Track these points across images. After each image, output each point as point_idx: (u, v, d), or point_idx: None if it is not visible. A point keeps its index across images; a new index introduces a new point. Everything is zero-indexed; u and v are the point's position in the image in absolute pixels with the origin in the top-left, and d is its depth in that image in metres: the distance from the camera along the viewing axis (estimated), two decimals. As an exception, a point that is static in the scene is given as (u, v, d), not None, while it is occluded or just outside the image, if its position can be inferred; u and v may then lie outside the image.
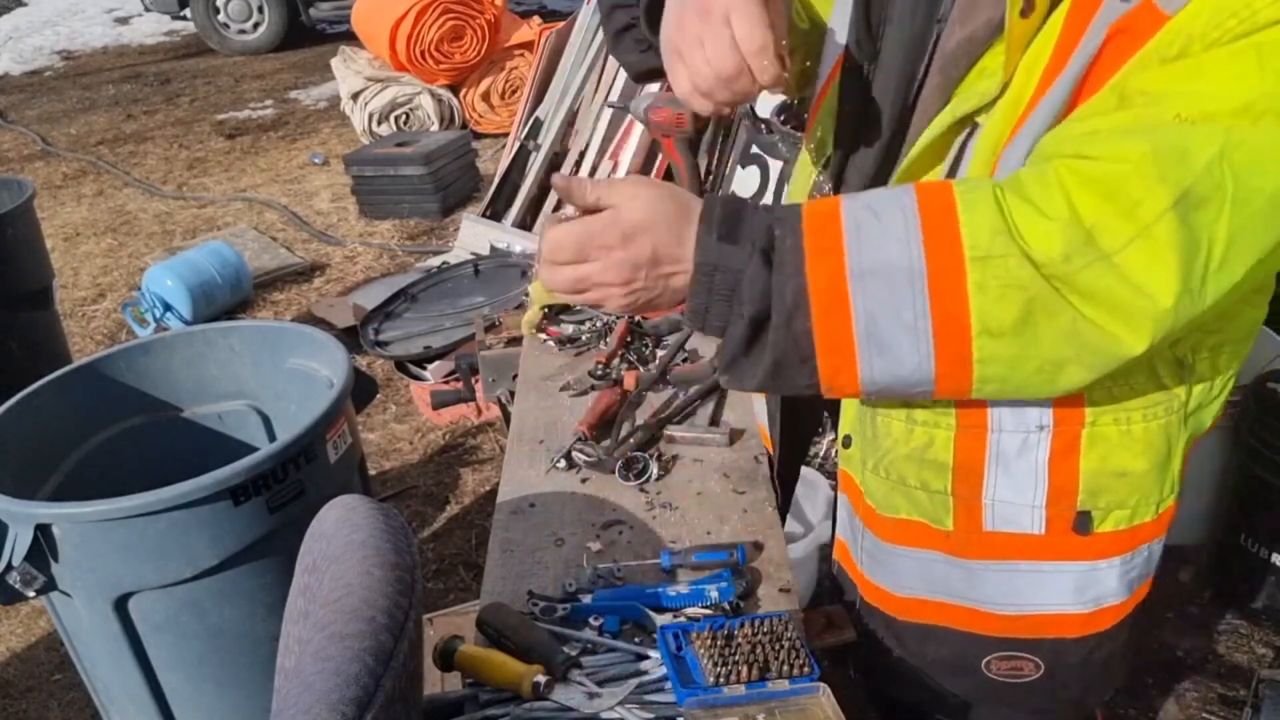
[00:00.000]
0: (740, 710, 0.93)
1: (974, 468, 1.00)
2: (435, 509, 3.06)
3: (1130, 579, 1.06)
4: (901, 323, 0.81)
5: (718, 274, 0.85)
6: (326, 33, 9.58)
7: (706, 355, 1.68)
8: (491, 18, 6.27)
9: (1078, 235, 0.76)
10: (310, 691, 0.71)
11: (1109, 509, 1.00)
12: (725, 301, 0.85)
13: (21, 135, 7.29)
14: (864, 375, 0.84)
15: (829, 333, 0.83)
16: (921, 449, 1.02)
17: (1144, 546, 1.05)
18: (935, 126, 0.92)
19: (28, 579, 1.63)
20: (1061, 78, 0.83)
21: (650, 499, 1.33)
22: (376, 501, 0.94)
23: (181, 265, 4.13)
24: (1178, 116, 0.75)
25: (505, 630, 1.06)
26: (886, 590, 1.14)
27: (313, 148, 6.56)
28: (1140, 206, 0.75)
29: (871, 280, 0.81)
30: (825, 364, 0.84)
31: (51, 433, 1.97)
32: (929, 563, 1.08)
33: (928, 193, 0.83)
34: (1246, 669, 2.27)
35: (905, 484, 1.05)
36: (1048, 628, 1.07)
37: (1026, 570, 1.04)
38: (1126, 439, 0.97)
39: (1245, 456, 2.31)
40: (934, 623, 1.11)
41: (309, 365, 2.07)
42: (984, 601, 1.07)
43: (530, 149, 4.64)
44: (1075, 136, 0.80)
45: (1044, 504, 1.00)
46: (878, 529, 1.11)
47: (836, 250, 0.82)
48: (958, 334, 0.81)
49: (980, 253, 0.79)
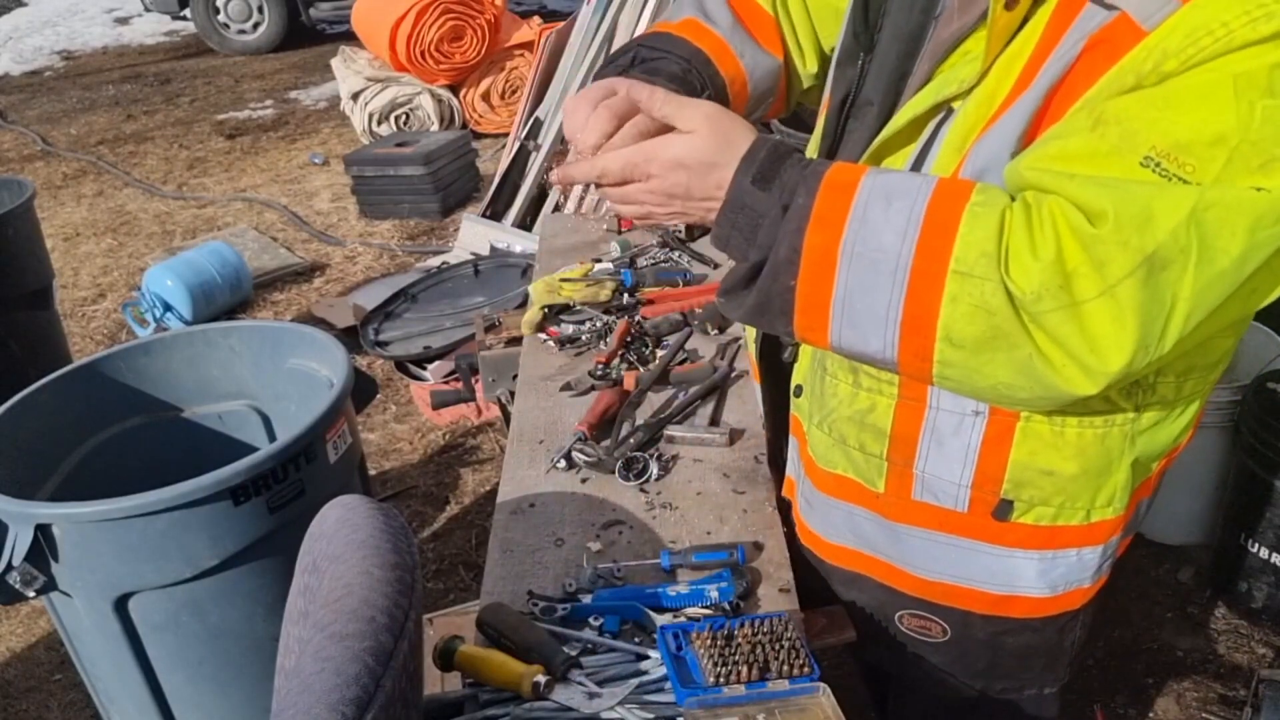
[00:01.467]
0: (740, 710, 0.93)
1: (909, 438, 1.05)
2: (435, 509, 3.06)
3: (1052, 577, 1.08)
4: (874, 307, 0.86)
5: (742, 213, 0.91)
6: (326, 33, 9.58)
7: (706, 355, 1.68)
8: (491, 18, 6.27)
9: (1056, 278, 0.79)
10: (310, 691, 0.71)
11: (1032, 503, 1.03)
12: (743, 238, 0.92)
13: (21, 135, 7.29)
14: (833, 339, 0.91)
15: (809, 294, 0.88)
16: (863, 412, 1.06)
17: (1069, 550, 1.06)
18: (915, 106, 0.94)
19: (28, 579, 1.63)
20: (1037, 81, 0.84)
21: (650, 499, 1.33)
22: (376, 501, 0.94)
23: (181, 265, 4.13)
24: (1152, 149, 0.76)
25: (505, 630, 1.06)
26: (819, 535, 1.20)
27: (313, 148, 6.56)
28: (1106, 266, 0.77)
29: (859, 261, 0.85)
30: (800, 320, 0.91)
31: (51, 433, 1.97)
32: (859, 518, 1.14)
33: (942, 195, 0.84)
34: (1246, 669, 2.27)
35: (845, 443, 1.10)
36: (959, 598, 1.12)
37: (945, 542, 1.09)
38: (1058, 440, 0.99)
39: (1245, 456, 2.31)
40: (858, 570, 1.18)
41: (309, 365, 2.07)
42: (903, 561, 1.13)
43: (530, 149, 4.64)
44: (1055, 171, 0.81)
45: (970, 484, 1.03)
46: (816, 480, 1.17)
47: (838, 223, 0.86)
48: (923, 334, 0.85)
49: (963, 268, 0.82)
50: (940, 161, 0.93)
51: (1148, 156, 0.76)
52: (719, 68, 1.18)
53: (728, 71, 1.19)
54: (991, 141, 0.88)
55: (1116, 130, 0.78)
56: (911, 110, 0.94)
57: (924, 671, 1.20)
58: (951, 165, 0.91)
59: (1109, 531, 1.06)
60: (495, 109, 6.49)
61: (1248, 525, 2.34)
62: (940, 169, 0.92)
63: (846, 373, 1.06)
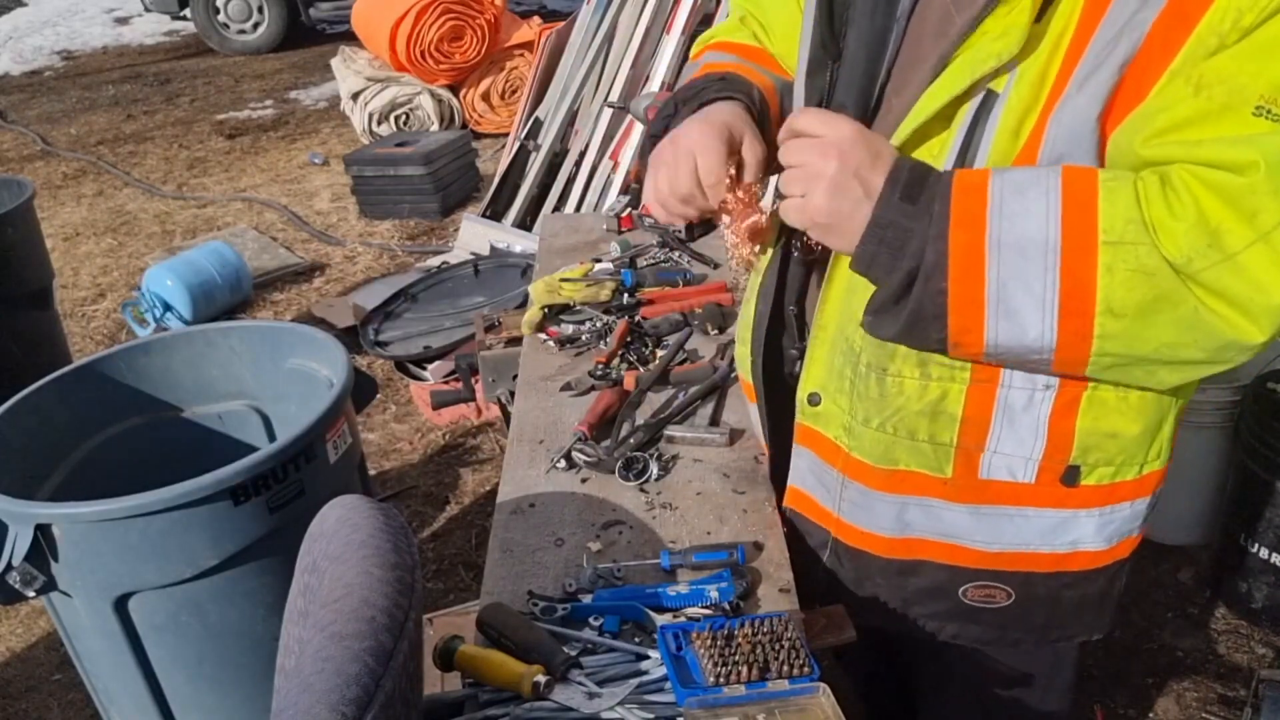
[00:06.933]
0: (740, 710, 0.93)
1: (982, 420, 1.07)
2: (435, 509, 3.06)
3: (1109, 531, 1.13)
4: (1031, 293, 0.89)
5: (890, 229, 0.93)
6: (326, 33, 9.58)
7: (706, 355, 1.68)
8: (491, 18, 6.27)
9: (1202, 238, 0.83)
10: (310, 691, 0.71)
11: (1095, 465, 1.08)
12: (890, 254, 0.94)
13: (21, 135, 7.29)
14: (989, 337, 0.93)
15: (961, 294, 0.91)
16: (935, 403, 1.08)
17: (1124, 504, 1.12)
18: (943, 91, 0.94)
19: (28, 579, 1.63)
20: (1106, 59, 0.87)
21: (650, 499, 1.33)
22: (376, 501, 0.94)
23: (181, 265, 4.13)
24: (1261, 98, 0.81)
25: (505, 630, 1.06)
26: (871, 533, 1.20)
27: (313, 148, 6.56)
28: (1258, 216, 0.82)
29: (1007, 252, 0.89)
30: (955, 322, 0.93)
31: (51, 433, 1.97)
32: (920, 507, 1.15)
33: (1073, 177, 0.88)
34: (1246, 669, 2.27)
35: (914, 438, 1.10)
36: (1023, 563, 1.15)
37: (1012, 514, 1.12)
38: (1123, 405, 1.04)
39: (1244, 456, 2.31)
40: (917, 558, 1.19)
41: (309, 365, 2.07)
42: (968, 539, 1.15)
43: (530, 149, 4.64)
44: (1177, 140, 0.85)
45: (1040, 457, 1.07)
46: (868, 480, 1.16)
47: (979, 220, 0.90)
48: (1082, 310, 0.88)
49: (1113, 238, 0.86)
50: (997, 147, 0.94)
51: (1259, 106, 0.81)
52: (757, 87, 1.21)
53: (761, 83, 1.23)
54: (1066, 124, 0.91)
55: (1221, 90, 0.83)
56: (935, 98, 0.95)
57: (979, 638, 1.22)
58: (1011, 150, 0.94)
59: (1156, 482, 1.12)
60: (495, 109, 6.49)
61: (1248, 525, 2.34)
62: (999, 155, 0.94)
63: (914, 366, 1.07)
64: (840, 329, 1.12)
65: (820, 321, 1.14)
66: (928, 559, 1.18)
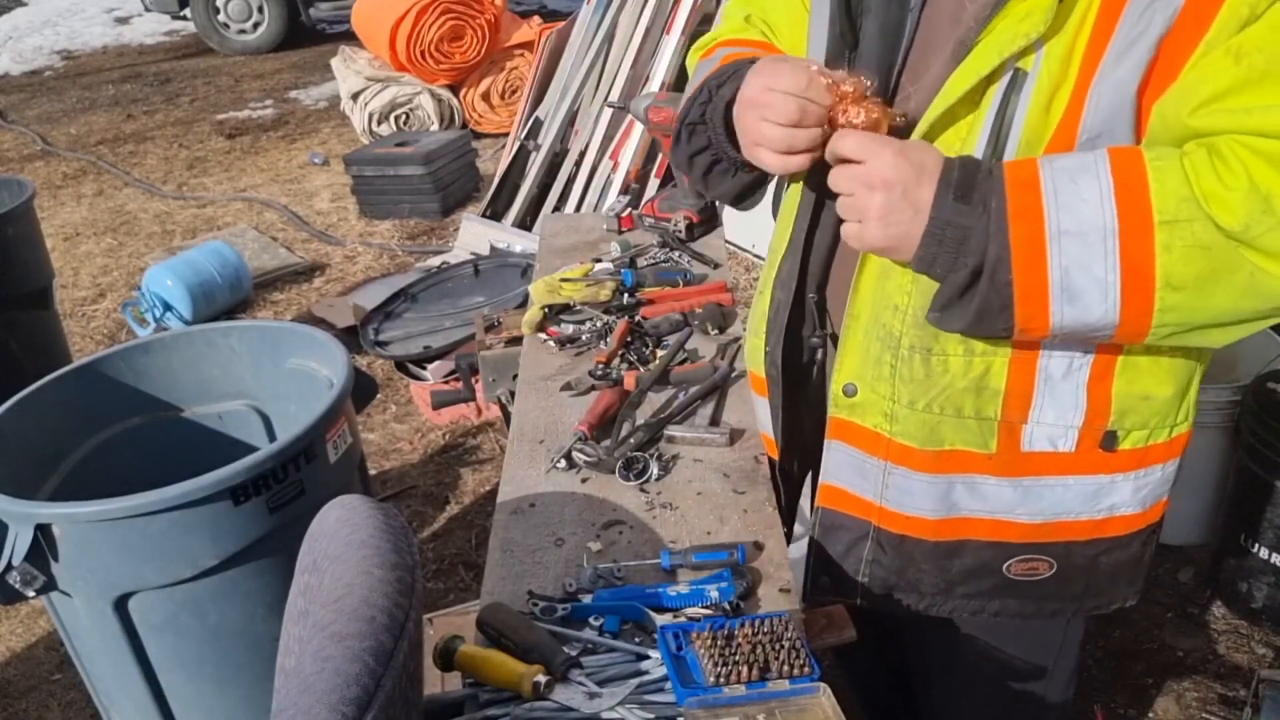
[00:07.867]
0: (740, 710, 0.93)
1: (1024, 392, 1.10)
2: (435, 509, 3.06)
3: (1142, 495, 1.17)
4: (1093, 277, 0.92)
5: (949, 229, 0.96)
6: (326, 33, 9.57)
7: (707, 355, 1.68)
8: (491, 18, 6.27)
9: (1257, 204, 0.86)
10: (310, 691, 0.71)
11: (1131, 429, 1.11)
12: (951, 253, 0.97)
13: (21, 135, 7.29)
14: (1054, 321, 0.96)
15: (1026, 284, 0.94)
16: (979, 378, 1.10)
17: (1156, 466, 1.15)
18: (971, 72, 0.96)
19: (28, 579, 1.63)
20: (1141, 36, 0.90)
21: (650, 499, 1.33)
22: (376, 501, 0.94)
23: (181, 265, 4.13)
24: None
25: (505, 630, 1.06)
26: (916, 517, 1.20)
27: (313, 148, 6.56)
28: None
29: (1067, 239, 0.92)
30: (1022, 310, 0.96)
31: (51, 433, 1.97)
32: (965, 485, 1.16)
33: (1121, 160, 0.91)
34: (1246, 669, 2.27)
35: (961, 415, 1.12)
36: (1063, 532, 1.18)
37: (1054, 484, 1.15)
38: (1155, 367, 1.08)
39: (1245, 456, 2.31)
40: (962, 538, 1.20)
41: (309, 365, 2.07)
42: (1011, 513, 1.17)
43: (530, 149, 4.64)
44: (1224, 109, 0.87)
45: (1080, 424, 1.10)
46: (914, 464, 1.17)
47: (1036, 211, 0.93)
48: (1143, 287, 0.91)
49: (1168, 217, 0.89)
50: (1030, 124, 0.97)
51: None
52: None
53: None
54: (1106, 98, 0.93)
55: (1261, 57, 0.85)
56: (964, 80, 0.97)
57: (1019, 611, 1.24)
58: (1043, 126, 0.96)
59: (1183, 444, 1.16)
60: (495, 109, 6.49)
61: (1248, 525, 2.34)
62: (1031, 132, 0.97)
63: (958, 344, 1.08)
64: (875, 316, 1.12)
65: (852, 311, 1.14)
66: (972, 538, 1.19)
